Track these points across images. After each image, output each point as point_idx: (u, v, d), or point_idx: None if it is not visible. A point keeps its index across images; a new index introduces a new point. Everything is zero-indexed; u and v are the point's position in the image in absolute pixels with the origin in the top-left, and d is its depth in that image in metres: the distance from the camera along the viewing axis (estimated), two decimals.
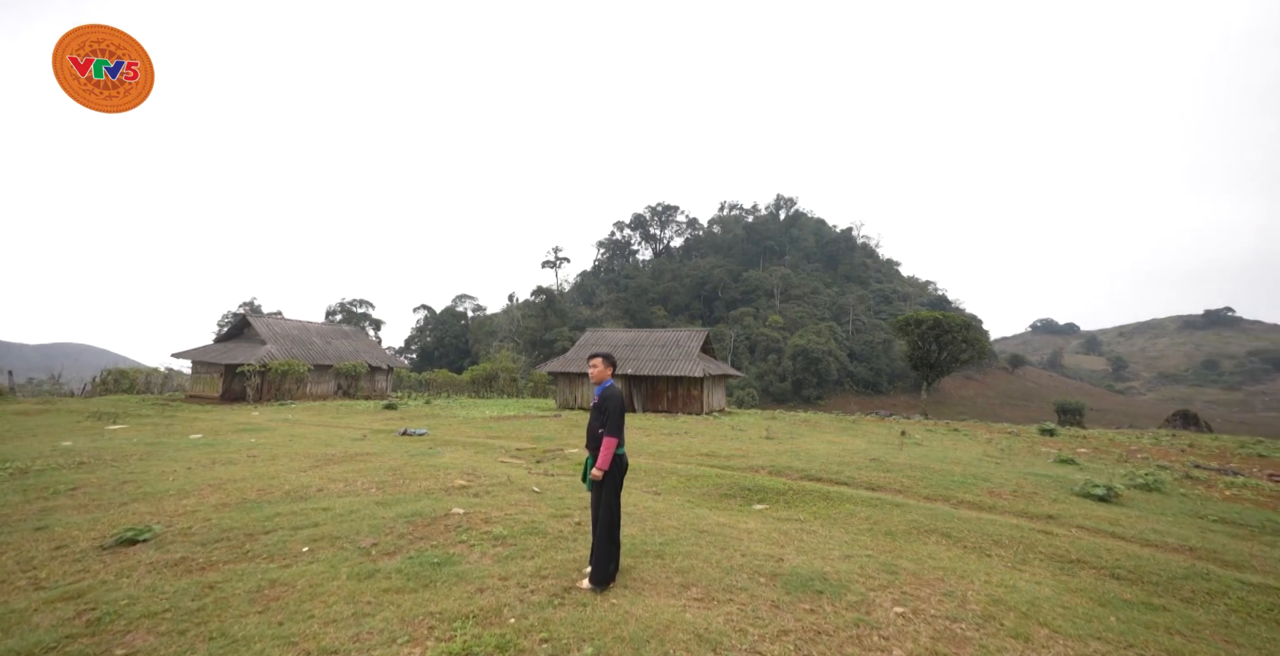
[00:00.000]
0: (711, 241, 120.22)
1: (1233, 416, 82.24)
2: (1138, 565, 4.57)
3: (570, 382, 22.82)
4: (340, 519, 5.58)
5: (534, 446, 10.90)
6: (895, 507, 6.23)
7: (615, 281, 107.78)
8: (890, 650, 3.01)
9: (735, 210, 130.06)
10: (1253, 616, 3.83)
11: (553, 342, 70.77)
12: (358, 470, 8.16)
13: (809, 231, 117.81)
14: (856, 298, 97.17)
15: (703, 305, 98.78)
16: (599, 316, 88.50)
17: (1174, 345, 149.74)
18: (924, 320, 29.14)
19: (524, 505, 6.16)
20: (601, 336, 24.86)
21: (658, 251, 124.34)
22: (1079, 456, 11.53)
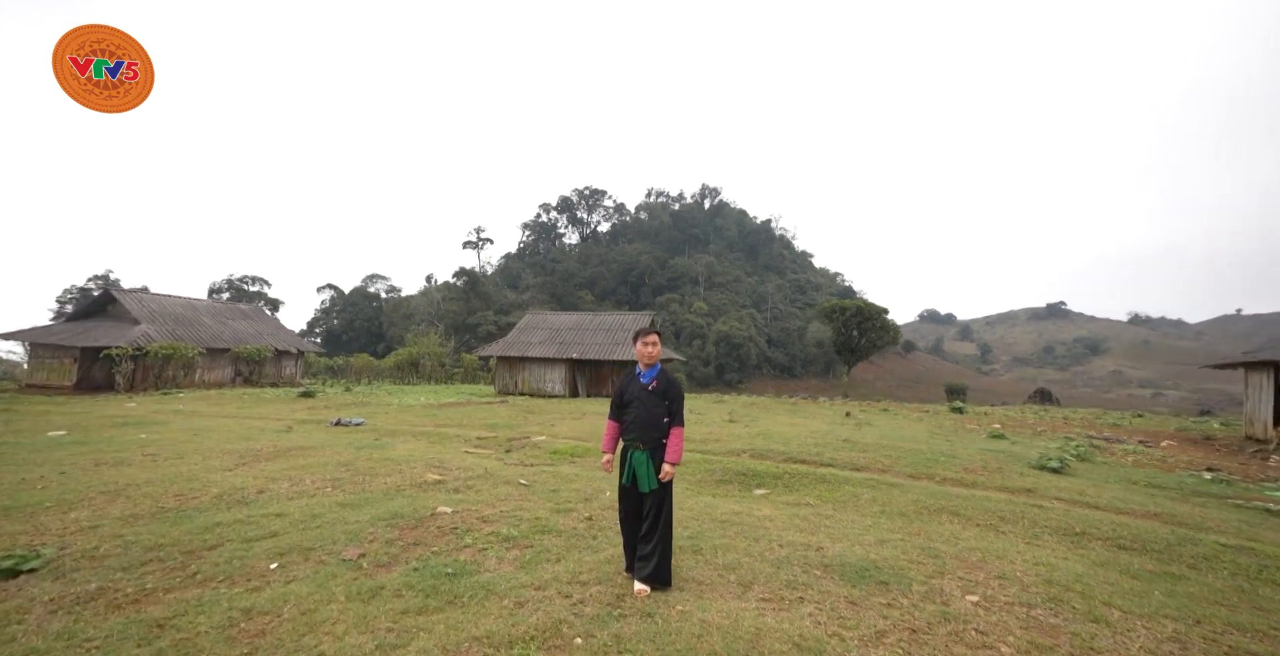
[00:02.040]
0: (639, 227, 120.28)
1: (1064, 392, 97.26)
2: (1133, 534, 4.91)
3: (511, 367, 21.74)
4: (303, 525, 4.68)
5: (495, 435, 10.10)
6: (891, 487, 6.33)
7: (542, 265, 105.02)
8: (996, 646, 2.87)
9: (662, 197, 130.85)
10: (1254, 579, 4.19)
11: (477, 327, 67.70)
12: (300, 467, 7.04)
13: (732, 221, 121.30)
14: (775, 287, 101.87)
15: (630, 291, 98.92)
16: (525, 300, 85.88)
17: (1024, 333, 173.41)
18: (848, 308, 30.98)
19: (517, 500, 5.55)
20: (544, 319, 23.89)
21: (585, 235, 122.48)
22: (1002, 431, 12.66)
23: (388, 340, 71.48)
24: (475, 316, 70.37)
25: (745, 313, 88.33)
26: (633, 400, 3.57)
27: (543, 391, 20.99)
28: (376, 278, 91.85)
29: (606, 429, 3.74)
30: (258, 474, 6.74)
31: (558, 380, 20.75)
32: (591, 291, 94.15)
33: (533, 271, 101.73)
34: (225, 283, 67.34)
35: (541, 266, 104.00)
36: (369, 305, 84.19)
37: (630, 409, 3.55)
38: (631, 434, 3.52)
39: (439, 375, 35.30)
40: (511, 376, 21.91)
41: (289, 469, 6.97)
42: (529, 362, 21.22)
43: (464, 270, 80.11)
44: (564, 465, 7.58)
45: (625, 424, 3.54)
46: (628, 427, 3.53)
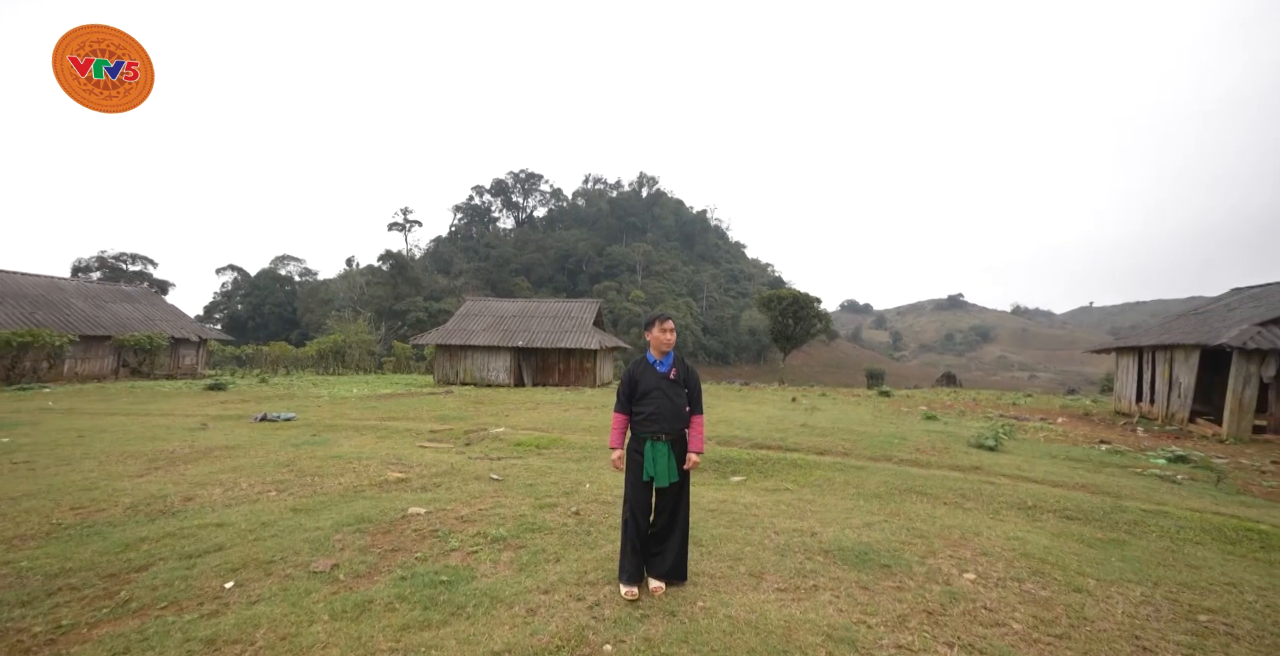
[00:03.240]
0: (576, 214, 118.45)
1: (962, 375, 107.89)
2: (1074, 505, 5.41)
3: (452, 356, 20.71)
4: (253, 536, 4.15)
5: (449, 427, 9.53)
6: (859, 470, 6.60)
7: (475, 249, 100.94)
8: (1008, 623, 3.01)
9: (599, 184, 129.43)
10: (1178, 540, 4.73)
11: (406, 313, 64.12)
12: (232, 469, 6.28)
13: (669, 211, 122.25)
14: (710, 276, 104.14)
15: (567, 278, 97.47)
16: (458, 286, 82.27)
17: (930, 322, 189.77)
18: (784, 298, 32.24)
19: (493, 497, 5.24)
20: (486, 306, 22.89)
21: (520, 220, 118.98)
22: (933, 413, 13.68)
23: (304, 327, 66.10)
24: (404, 302, 66.57)
25: (682, 301, 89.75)
26: (651, 390, 3.38)
27: (487, 381, 20.18)
28: (288, 259, 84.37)
29: (615, 422, 3.49)
30: (179, 479, 5.94)
31: (502, 369, 20.01)
32: (528, 278, 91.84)
33: (465, 256, 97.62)
34: (96, 260, 58.76)
35: (475, 251, 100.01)
36: (280, 289, 77.28)
37: (649, 400, 3.36)
38: (655, 426, 3.34)
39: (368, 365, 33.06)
40: (453, 365, 20.88)
41: (217, 472, 6.19)
42: (472, 351, 20.28)
43: (390, 253, 75.32)
44: (532, 458, 7.27)
45: (644, 416, 3.35)
46: (647, 419, 3.34)
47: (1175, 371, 15.11)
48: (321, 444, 8.09)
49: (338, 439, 8.62)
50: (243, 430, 9.52)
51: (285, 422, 10.48)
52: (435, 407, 12.57)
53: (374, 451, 7.37)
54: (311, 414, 11.92)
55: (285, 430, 9.59)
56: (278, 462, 6.65)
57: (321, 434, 9.12)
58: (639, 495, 3.38)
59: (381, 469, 6.34)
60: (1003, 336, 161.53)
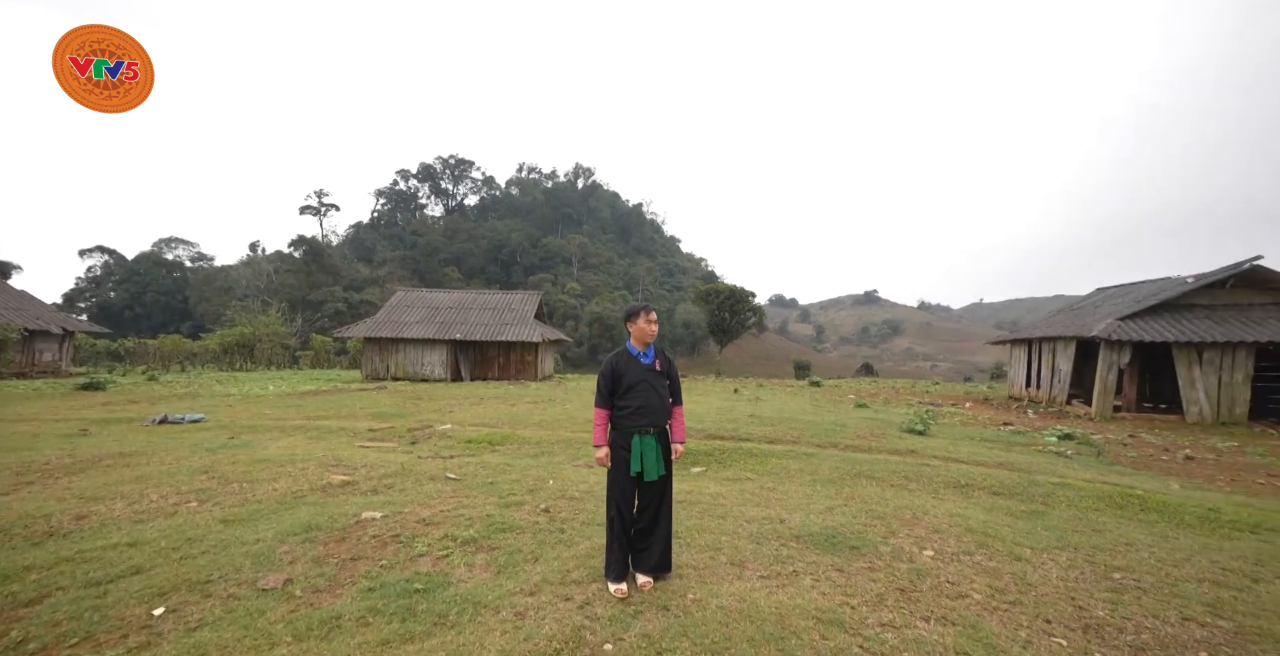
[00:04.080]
0: (510, 203, 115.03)
1: (877, 366, 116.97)
2: (998, 482, 5.98)
3: (383, 349, 19.48)
4: (178, 554, 3.69)
5: (389, 425, 8.96)
6: (810, 457, 6.92)
7: (400, 237, 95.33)
8: (969, 594, 3.27)
9: (534, 174, 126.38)
10: (1083, 508, 5.35)
11: (322, 304, 59.56)
12: (133, 479, 5.56)
13: (605, 203, 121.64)
14: (646, 269, 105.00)
15: (501, 269, 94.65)
16: (382, 275, 77.58)
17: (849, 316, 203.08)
18: (721, 292, 33.16)
19: (454, 497, 4.99)
20: (420, 297, 21.68)
21: (450, 208, 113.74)
22: (864, 401, 14.63)
23: (198, 318, 59.54)
24: (320, 292, 61.81)
25: (618, 294, 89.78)
26: (638, 383, 3.33)
27: (421, 375, 19.14)
28: (176, 242, 75.42)
29: (597, 418, 3.36)
30: (63, 494, 5.15)
31: (438, 363, 19.05)
32: (459, 268, 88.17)
33: (390, 244, 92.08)
34: None
35: (400, 239, 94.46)
36: (166, 275, 69.05)
37: (635, 393, 3.31)
38: (643, 419, 3.29)
39: (281, 360, 30.33)
40: (383, 359, 19.63)
41: (114, 483, 5.44)
42: (404, 344, 19.13)
43: (303, 239, 69.53)
44: (486, 455, 7.00)
45: (631, 410, 3.29)
46: (635, 413, 3.29)
47: (1057, 360, 17.11)
48: (243, 447, 7.35)
49: (261, 441, 7.86)
50: (138, 435, 8.45)
51: (193, 425, 9.42)
52: (369, 404, 11.78)
53: (308, 453, 6.79)
54: (223, 414, 10.80)
55: (194, 433, 8.63)
56: (193, 469, 5.96)
57: (241, 436, 8.28)
58: (626, 491, 3.34)
59: (321, 472, 5.85)
60: (910, 329, 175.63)
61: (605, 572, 3.27)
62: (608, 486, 3.38)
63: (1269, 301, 14.93)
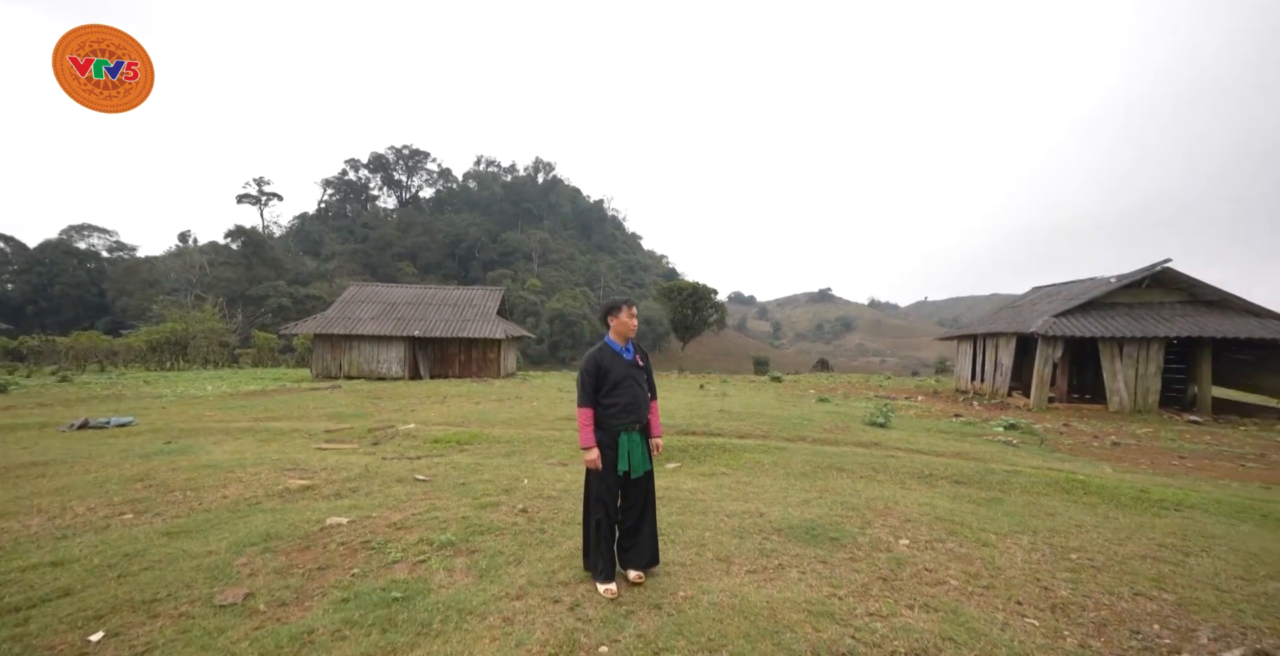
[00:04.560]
0: (468, 197, 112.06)
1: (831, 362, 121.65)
2: (958, 471, 6.26)
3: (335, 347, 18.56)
4: (114, 572, 3.38)
5: (348, 426, 8.52)
6: (781, 451, 7.04)
7: (350, 230, 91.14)
8: (947, 581, 3.39)
9: (493, 167, 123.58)
10: (1035, 493, 5.67)
11: (264, 299, 56.26)
12: (53, 491, 5.09)
13: (566, 198, 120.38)
14: (607, 266, 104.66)
15: (458, 265, 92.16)
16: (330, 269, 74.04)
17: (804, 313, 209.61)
18: (684, 288, 33.44)
19: (425, 500, 4.79)
20: (375, 292, 20.77)
21: (404, 200, 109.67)
22: (825, 395, 15.07)
23: (118, 313, 54.94)
24: (261, 287, 58.35)
25: (579, 290, 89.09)
26: (622, 379, 3.26)
27: (377, 373, 18.32)
28: (89, 229, 68.90)
29: (583, 418, 3.22)
30: None
31: (395, 360, 18.29)
32: (414, 263, 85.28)
33: (339, 237, 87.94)
34: None
35: (350, 232, 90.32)
36: (78, 266, 63.10)
37: (621, 390, 3.25)
38: (630, 417, 3.24)
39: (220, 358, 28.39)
40: (335, 357, 18.69)
41: (29, 496, 4.94)
42: (359, 341, 18.25)
43: (242, 229, 65.51)
44: (455, 455, 6.76)
45: (619, 407, 3.23)
46: (622, 411, 3.23)
47: (999, 355, 18.16)
48: (183, 452, 6.83)
49: (204, 445, 7.33)
50: (54, 441, 7.73)
51: (120, 429, 8.69)
52: (324, 404, 11.19)
53: (260, 457, 6.37)
54: (155, 417, 10.02)
55: (122, 438, 7.96)
56: (125, 478, 5.48)
57: (179, 440, 7.70)
58: (613, 491, 3.28)
59: (277, 476, 5.50)
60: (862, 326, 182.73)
61: (594, 574, 3.19)
62: (590, 488, 3.28)
63: (1176, 300, 16.34)
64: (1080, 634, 2.87)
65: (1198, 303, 16.19)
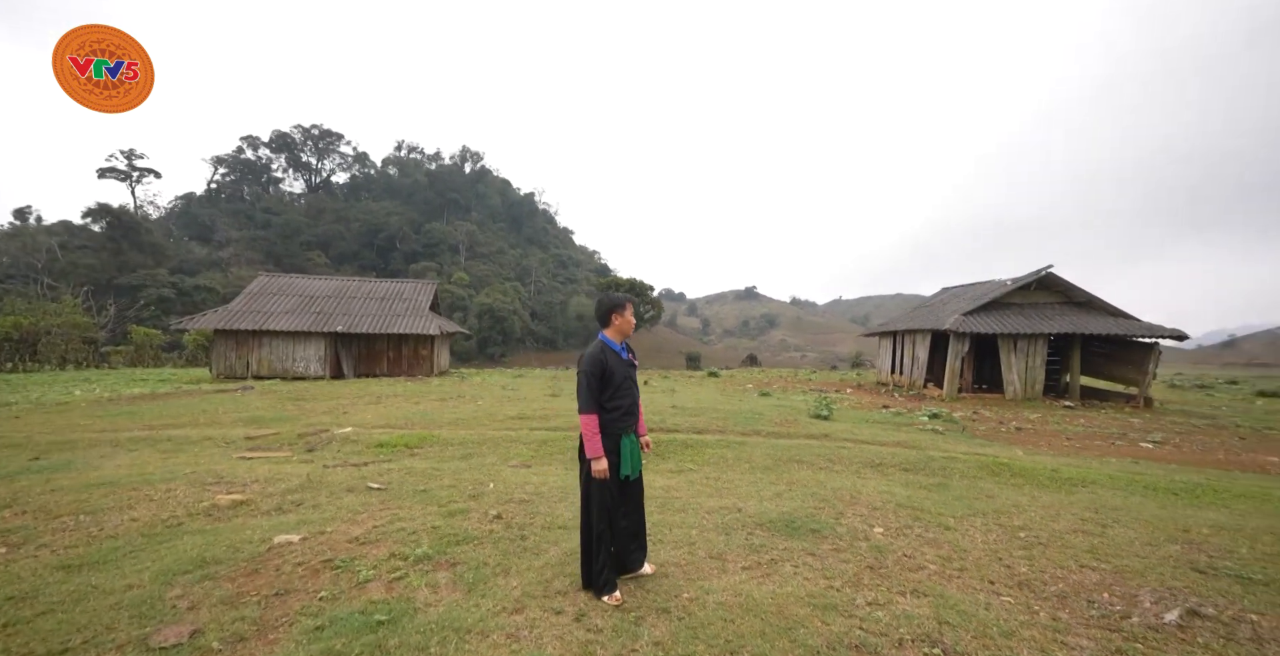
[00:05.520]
0: (387, 184, 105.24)
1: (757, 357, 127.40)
2: (905, 459, 6.69)
3: (240, 344, 16.67)
4: (18, 612, 2.80)
5: (272, 432, 7.64)
6: (741, 446, 7.18)
7: (249, 214, 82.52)
8: (925, 566, 3.58)
9: (415, 154, 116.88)
10: (972, 477, 6.17)
11: (139, 289, 49.68)
12: None
13: (495, 190, 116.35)
14: (538, 260, 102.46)
15: (377, 256, 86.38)
16: (225, 258, 66.77)
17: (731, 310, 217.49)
18: (622, 284, 33.40)
19: (385, 510, 4.39)
20: (290, 284, 18.85)
21: (314, 185, 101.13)
22: (765, 390, 15.63)
23: None
24: (136, 275, 51.51)
25: (509, 285, 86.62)
26: (624, 380, 3.14)
27: (293, 372, 16.61)
28: None
29: (590, 425, 2.97)
30: None
31: (314, 358, 16.69)
32: (326, 253, 78.80)
33: (234, 221, 79.40)
34: None
35: (249, 217, 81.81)
36: None
37: (624, 392, 3.11)
38: (631, 419, 3.13)
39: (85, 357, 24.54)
40: (241, 355, 16.77)
41: None
42: (271, 337, 16.45)
43: (107, 209, 57.19)
44: (406, 459, 6.27)
45: (623, 410, 3.09)
46: (626, 414, 3.10)
47: (916, 350, 19.76)
48: (60, 469, 5.83)
49: (88, 460, 6.31)
50: None
51: None
52: (236, 408, 10.00)
53: (170, 470, 5.57)
54: (7, 429, 8.51)
55: None
56: None
57: (50, 455, 6.57)
58: (617, 499, 3.14)
59: (198, 492, 4.82)
60: (784, 323, 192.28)
61: (599, 588, 3.00)
62: (593, 499, 3.04)
63: (1056, 301, 18.59)
64: (1049, 607, 3.13)
65: (1071, 303, 18.48)
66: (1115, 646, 2.75)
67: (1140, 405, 16.04)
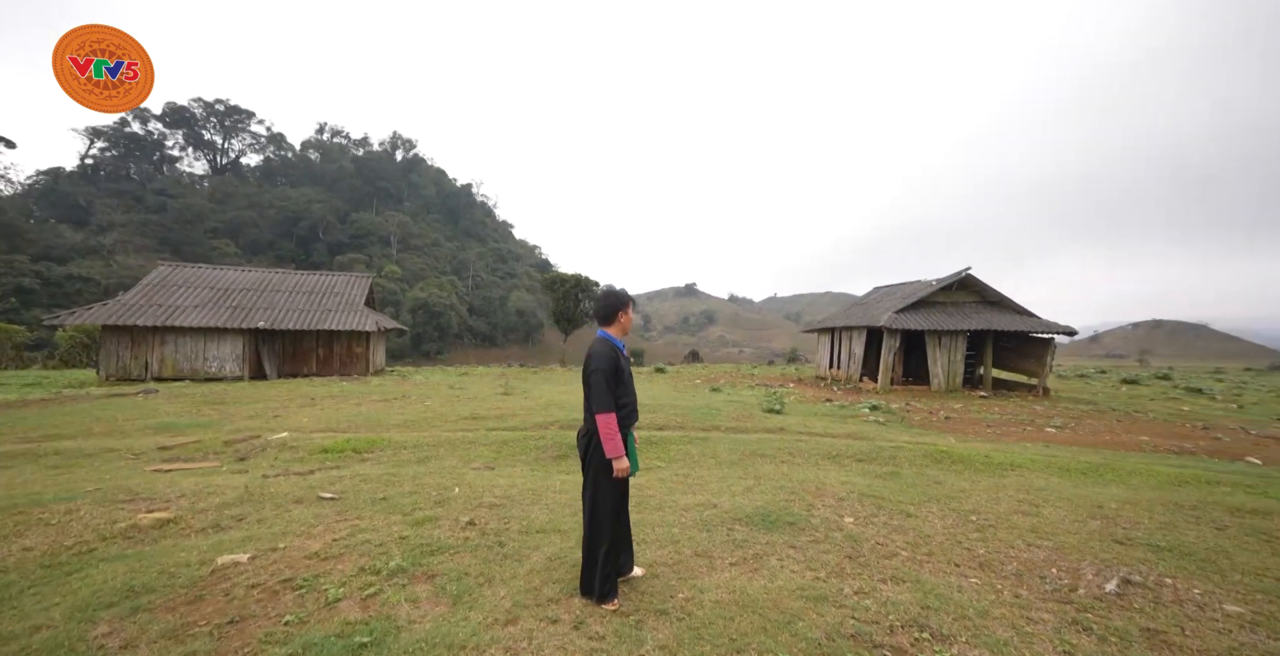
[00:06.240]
0: (308, 169, 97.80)
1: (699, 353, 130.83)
2: (858, 450, 7.02)
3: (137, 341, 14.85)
4: None
5: (190, 440, 6.84)
6: (703, 441, 7.25)
7: (137, 196, 73.72)
8: (898, 553, 3.75)
9: (340, 138, 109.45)
10: (919, 465, 6.57)
11: None
12: None
13: (430, 180, 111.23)
14: (477, 254, 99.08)
15: (297, 246, 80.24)
16: (107, 244, 59.51)
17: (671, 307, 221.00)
18: (568, 280, 32.91)
19: (342, 521, 4.05)
20: (198, 275, 16.98)
21: (221, 166, 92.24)
22: (715, 385, 15.93)
23: None
24: None
25: (445, 279, 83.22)
26: (628, 378, 3.08)
27: (205, 373, 14.94)
28: None
29: (612, 424, 2.85)
30: None
31: (230, 357, 15.08)
32: (235, 242, 72.08)
33: (118, 203, 70.73)
34: None
35: (138, 198, 73.15)
36: None
37: (628, 389, 3.04)
38: (635, 416, 3.07)
39: None
40: (138, 355, 14.92)
41: None
42: (177, 334, 14.69)
43: None
44: (357, 465, 5.82)
45: (629, 408, 3.01)
46: (631, 411, 3.02)
47: (853, 345, 20.87)
48: None
49: None
50: None
51: None
52: (141, 414, 8.89)
53: (64, 489, 4.86)
54: None
55: None
56: None
57: None
58: (624, 500, 3.07)
59: (108, 511, 4.24)
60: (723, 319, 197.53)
61: (603, 598, 2.91)
62: (608, 501, 2.94)
63: (974, 300, 20.26)
64: (1010, 586, 3.37)
65: (986, 302, 20.19)
66: (1071, 617, 3.00)
67: (1040, 394, 17.79)
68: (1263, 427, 12.02)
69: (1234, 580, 3.59)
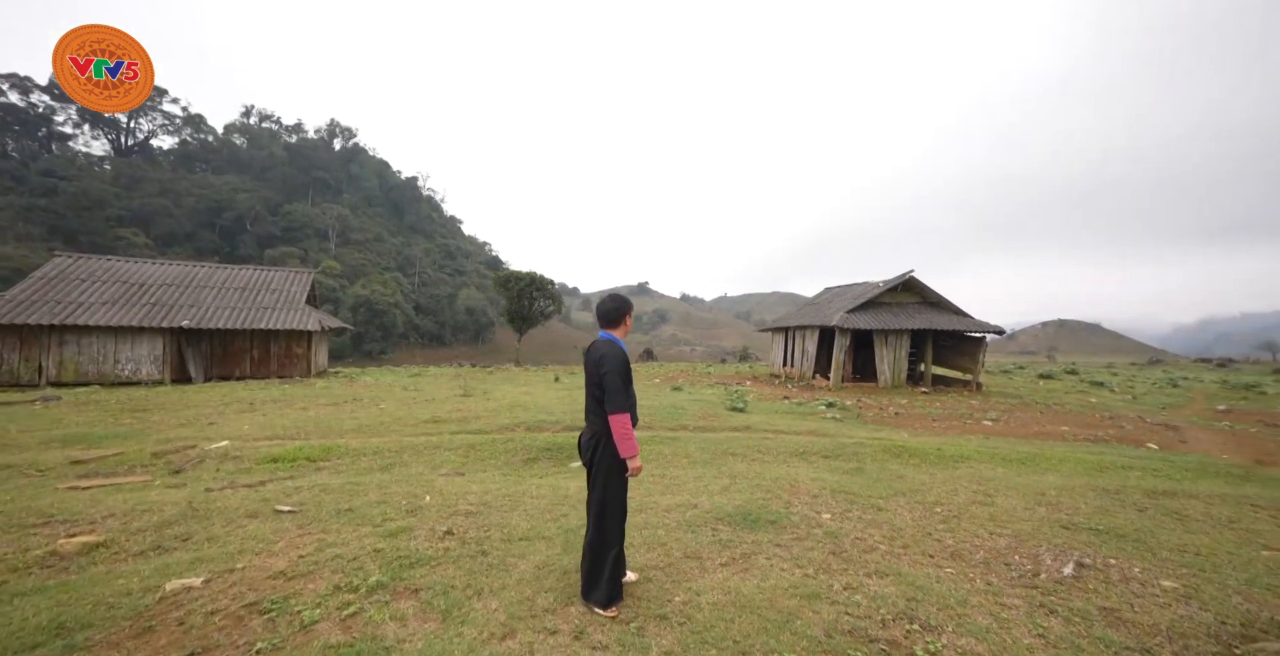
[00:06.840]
0: (233, 155, 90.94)
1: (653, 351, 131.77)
2: (822, 447, 7.23)
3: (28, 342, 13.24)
4: None
5: (109, 452, 6.14)
6: (673, 441, 7.26)
7: (19, 176, 65.40)
8: (876, 547, 3.88)
9: (270, 123, 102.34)
10: (879, 461, 6.84)
11: None
12: None
13: (372, 172, 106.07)
14: (423, 250, 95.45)
15: (221, 238, 74.49)
16: None
17: None
18: (522, 278, 32.19)
19: (307, 536, 3.77)
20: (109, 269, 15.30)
21: (127, 148, 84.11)
22: (675, 384, 16.03)
23: None
24: None
25: (390, 276, 79.65)
26: (631, 378, 3.04)
27: (116, 377, 13.43)
28: None
29: (626, 424, 2.85)
30: None
31: (148, 359, 13.63)
32: (146, 232, 65.88)
33: None
34: None
35: (21, 179, 64.92)
36: None
37: (632, 389, 3.01)
38: (636, 418, 3.03)
39: None
40: (29, 357, 13.25)
41: None
42: (80, 333, 13.11)
43: None
44: (314, 475, 5.42)
45: (632, 410, 2.99)
46: (635, 411, 3.02)
47: (806, 344, 21.59)
48: None
49: None
50: None
51: None
52: (42, 425, 7.92)
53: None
54: None
55: None
56: None
57: None
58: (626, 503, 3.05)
59: (16, 537, 3.74)
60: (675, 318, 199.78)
61: (603, 602, 2.85)
62: (618, 503, 2.95)
63: (916, 301, 21.43)
64: (980, 574, 3.55)
65: (927, 303, 21.41)
66: (1038, 601, 3.20)
67: (975, 389, 19.05)
68: (1154, 415, 13.40)
69: (1163, 557, 3.95)
